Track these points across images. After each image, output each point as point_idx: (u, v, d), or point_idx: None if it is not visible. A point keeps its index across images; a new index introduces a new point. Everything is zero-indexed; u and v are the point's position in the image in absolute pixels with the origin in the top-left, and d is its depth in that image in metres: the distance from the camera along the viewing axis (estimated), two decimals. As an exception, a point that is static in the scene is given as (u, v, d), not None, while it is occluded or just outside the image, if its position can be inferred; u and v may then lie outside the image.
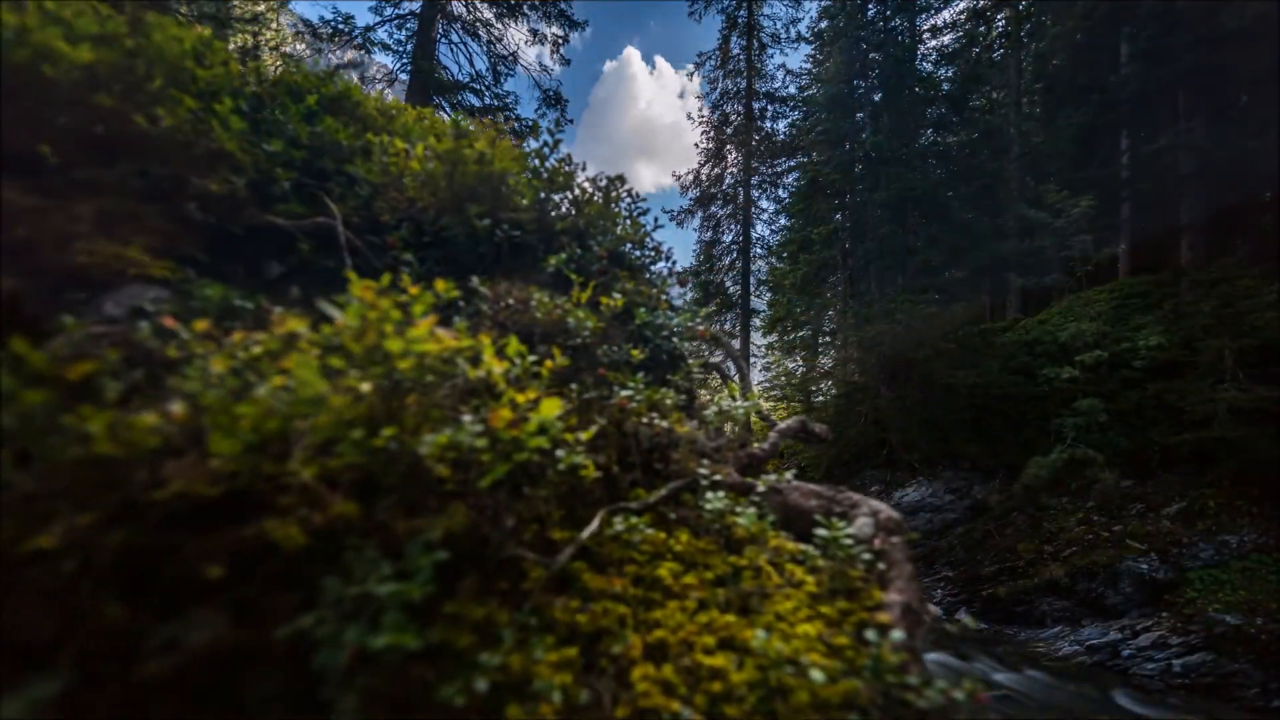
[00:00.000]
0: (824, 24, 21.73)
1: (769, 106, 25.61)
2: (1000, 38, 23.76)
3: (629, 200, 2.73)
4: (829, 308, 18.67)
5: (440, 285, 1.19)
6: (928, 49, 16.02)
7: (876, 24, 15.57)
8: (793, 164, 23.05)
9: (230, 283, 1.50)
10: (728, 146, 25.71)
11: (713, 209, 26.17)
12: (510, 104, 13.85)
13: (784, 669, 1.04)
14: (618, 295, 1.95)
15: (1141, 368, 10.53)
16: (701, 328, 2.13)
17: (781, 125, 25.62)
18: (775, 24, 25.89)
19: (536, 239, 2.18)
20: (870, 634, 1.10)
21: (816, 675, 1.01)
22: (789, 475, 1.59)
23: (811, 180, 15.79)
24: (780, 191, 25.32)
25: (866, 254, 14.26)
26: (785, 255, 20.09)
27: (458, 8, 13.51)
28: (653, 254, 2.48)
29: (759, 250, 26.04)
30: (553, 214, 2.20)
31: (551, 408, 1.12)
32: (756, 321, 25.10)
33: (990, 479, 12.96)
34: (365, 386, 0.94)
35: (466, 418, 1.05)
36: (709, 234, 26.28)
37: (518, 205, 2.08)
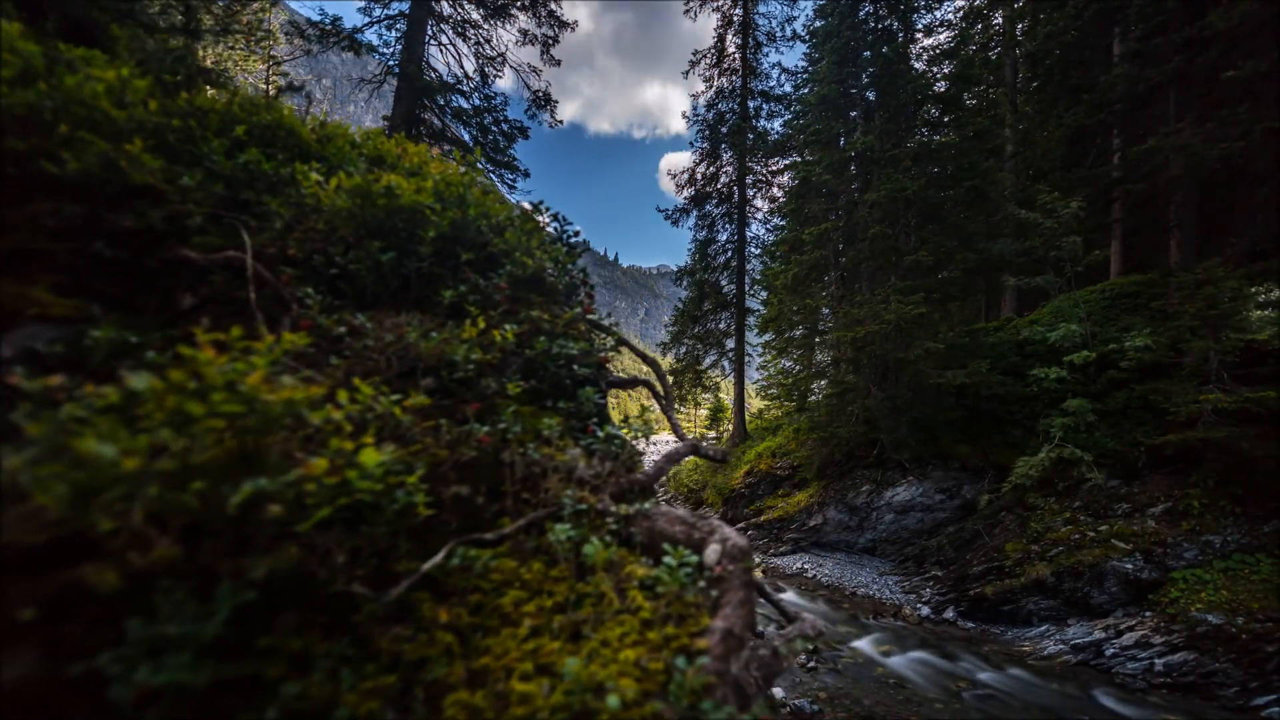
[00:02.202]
0: (819, 23, 21.73)
1: (764, 105, 25.61)
2: (996, 36, 23.74)
3: (556, 224, 2.76)
4: (822, 307, 18.71)
5: (289, 336, 1.24)
6: (922, 48, 15.99)
7: (868, 23, 15.56)
8: (787, 163, 23.05)
9: (143, 315, 1.54)
10: (723, 145, 25.69)
11: (708, 208, 26.17)
12: (498, 105, 13.86)
13: (588, 694, 1.08)
14: (510, 327, 1.98)
15: (1129, 368, 10.56)
16: (603, 354, 2.16)
17: (777, 124, 25.64)
18: (771, 22, 25.87)
19: (446, 270, 2.21)
20: (679, 660, 1.14)
21: (612, 700, 1.06)
22: (648, 504, 1.62)
23: (803, 180, 15.81)
24: (775, 190, 25.33)
25: (857, 254, 14.28)
26: (779, 255, 20.13)
27: (446, 8, 13.50)
28: (578, 277, 2.49)
29: (754, 249, 26.06)
30: (458, 245, 2.22)
31: (370, 457, 1.17)
32: (752, 320, 25.14)
33: (980, 479, 13.03)
34: (179, 443, 0.99)
35: (314, 460, 1.11)
36: (704, 233, 26.28)
37: (425, 238, 2.11)
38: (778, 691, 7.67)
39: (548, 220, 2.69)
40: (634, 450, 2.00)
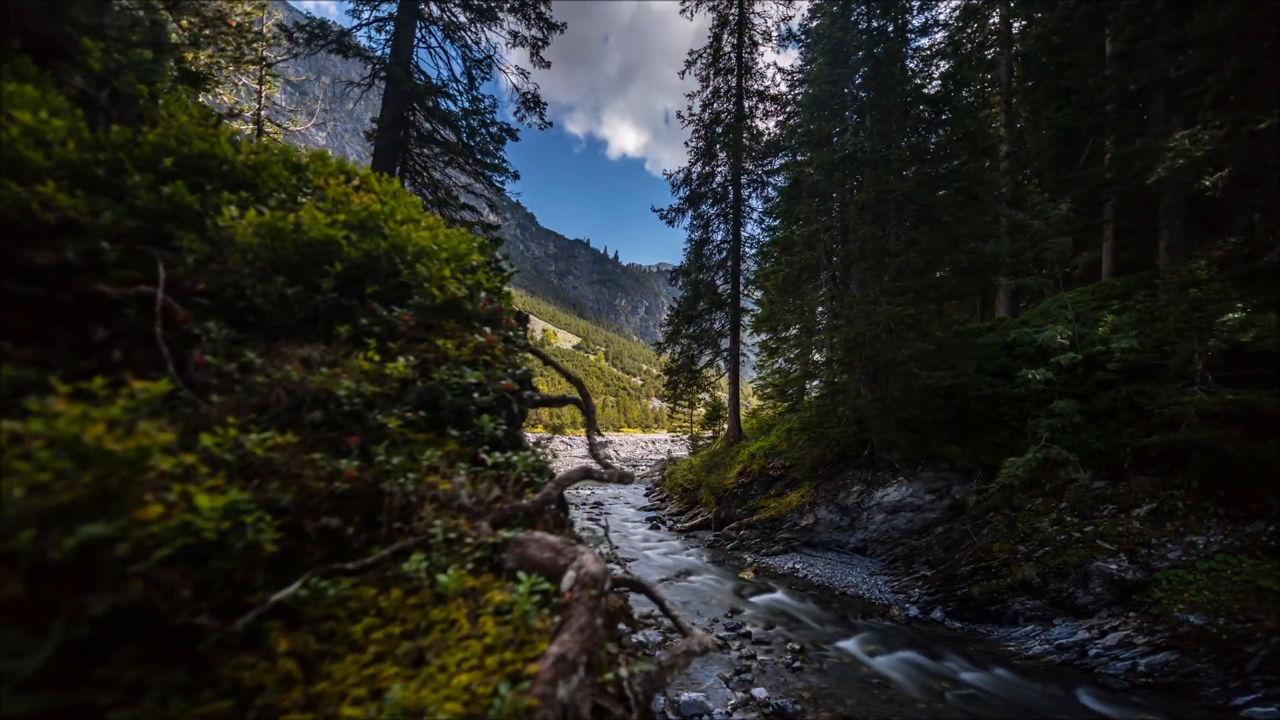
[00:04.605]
0: (814, 23, 21.72)
1: (760, 105, 25.61)
2: (993, 35, 23.68)
3: (486, 255, 2.80)
4: (816, 306, 18.74)
5: (151, 386, 1.29)
6: (915, 49, 15.91)
7: (860, 24, 15.54)
8: (781, 164, 23.05)
9: (56, 349, 1.59)
10: (718, 145, 25.69)
11: (703, 208, 26.16)
12: (486, 108, 13.87)
13: (410, 718, 1.14)
14: (403, 359, 2.02)
15: (1116, 369, 10.59)
16: (505, 382, 2.20)
17: (772, 124, 25.65)
18: (767, 21, 25.83)
19: (355, 300, 2.25)
20: (503, 686, 1.20)
21: (422, 722, 1.13)
22: (514, 532, 1.67)
23: (795, 181, 15.81)
24: (771, 190, 25.33)
25: (848, 255, 14.31)
26: (773, 256, 20.14)
27: (435, 10, 13.52)
28: (494, 303, 2.52)
29: (749, 249, 26.09)
30: (367, 277, 2.26)
31: (205, 500, 1.23)
32: (748, 320, 25.18)
33: (969, 479, 13.07)
34: (16, 492, 1.05)
35: (150, 505, 1.17)
36: (699, 233, 26.28)
37: (330, 272, 2.15)
38: (760, 692, 7.73)
39: (474, 245, 2.72)
40: (526, 475, 2.04)
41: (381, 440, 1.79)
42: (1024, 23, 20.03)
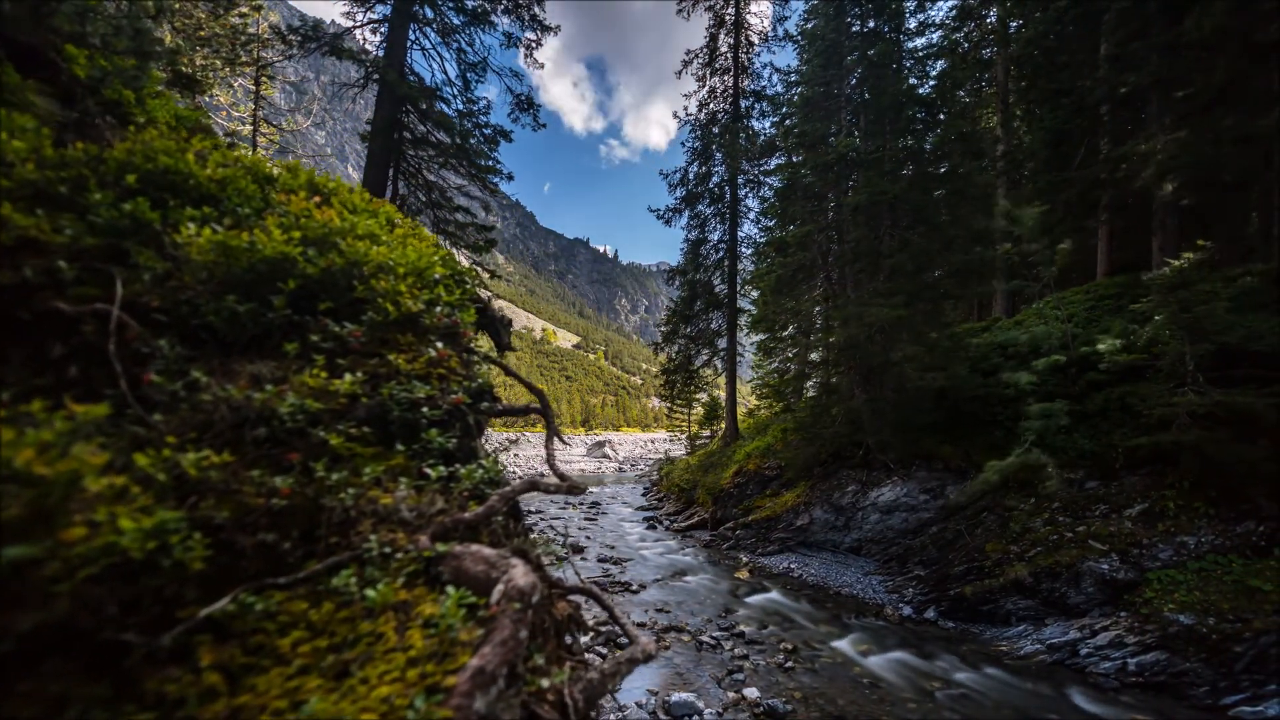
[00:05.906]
0: (810, 23, 21.72)
1: (756, 105, 25.62)
2: (990, 35, 23.66)
3: (453, 271, 2.83)
4: (812, 307, 18.75)
5: (95, 409, 1.32)
6: (909, 50, 15.90)
7: (854, 25, 15.54)
8: (776, 164, 23.06)
9: (12, 365, 1.62)
10: (715, 145, 25.70)
11: (700, 207, 26.17)
12: (480, 110, 13.89)
13: None
14: (350, 375, 2.04)
15: (1107, 370, 10.61)
16: (455, 396, 2.23)
17: (768, 124, 25.67)
18: (763, 21, 25.91)
19: (310, 317, 2.28)
20: (419, 698, 1.23)
21: (344, 733, 1.16)
22: (450, 546, 1.70)
23: (790, 182, 15.82)
24: (767, 190, 25.34)
25: (842, 256, 14.33)
26: (769, 257, 20.16)
27: (429, 13, 13.52)
28: (449, 319, 2.53)
29: (746, 249, 26.12)
30: (322, 292, 2.28)
31: (129, 523, 1.27)
32: (744, 320, 25.21)
33: (963, 479, 13.08)
34: None
35: (97, 524, 1.21)
36: (696, 233, 26.30)
37: (284, 289, 2.18)
38: (752, 692, 7.76)
39: (436, 260, 2.74)
40: (473, 488, 2.07)
41: (323, 456, 1.81)
42: (1020, 23, 20.01)
